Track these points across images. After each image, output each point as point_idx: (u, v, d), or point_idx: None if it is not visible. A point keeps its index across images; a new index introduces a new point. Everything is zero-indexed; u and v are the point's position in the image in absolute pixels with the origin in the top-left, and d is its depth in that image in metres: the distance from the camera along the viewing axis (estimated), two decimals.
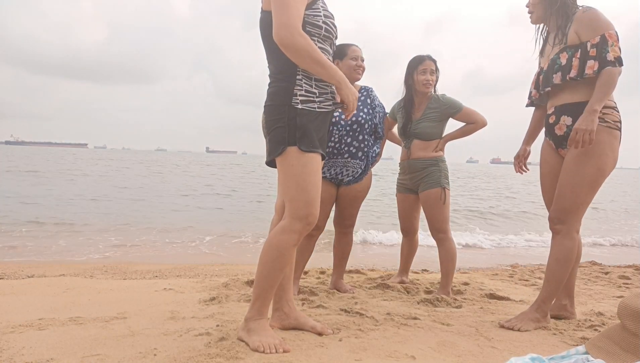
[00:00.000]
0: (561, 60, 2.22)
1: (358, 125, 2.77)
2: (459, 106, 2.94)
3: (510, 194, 16.66)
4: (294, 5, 1.71)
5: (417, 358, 1.79)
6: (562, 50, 2.22)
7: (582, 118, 2.07)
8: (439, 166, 2.94)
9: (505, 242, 7.10)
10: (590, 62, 2.12)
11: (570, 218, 2.21)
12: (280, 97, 1.82)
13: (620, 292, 3.29)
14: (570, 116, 2.21)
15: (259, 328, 1.84)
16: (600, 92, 2.07)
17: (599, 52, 2.10)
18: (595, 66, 2.10)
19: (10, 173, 18.33)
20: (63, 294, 2.74)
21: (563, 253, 2.23)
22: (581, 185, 2.17)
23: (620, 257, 6.06)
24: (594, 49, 2.11)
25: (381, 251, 6.02)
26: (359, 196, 2.91)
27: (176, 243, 5.93)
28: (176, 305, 2.52)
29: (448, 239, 2.94)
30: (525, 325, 2.21)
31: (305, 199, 1.79)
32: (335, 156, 2.78)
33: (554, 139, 2.33)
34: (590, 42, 2.13)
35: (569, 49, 2.20)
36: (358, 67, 2.79)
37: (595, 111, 2.05)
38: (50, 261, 4.75)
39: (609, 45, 2.09)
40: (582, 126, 2.05)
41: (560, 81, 2.22)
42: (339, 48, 2.83)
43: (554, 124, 2.30)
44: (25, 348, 1.77)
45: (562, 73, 2.21)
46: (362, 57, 2.82)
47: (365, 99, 2.86)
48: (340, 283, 3.04)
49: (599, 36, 2.11)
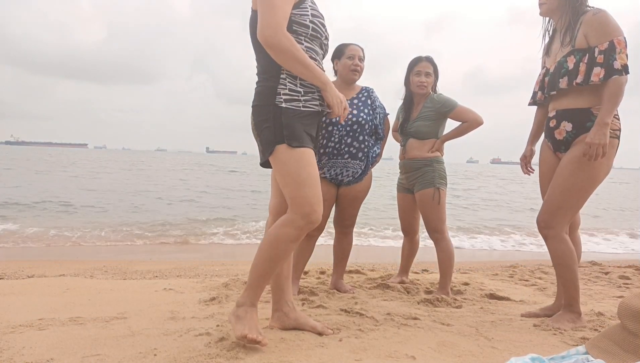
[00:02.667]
0: (568, 64, 2.19)
1: (358, 125, 2.76)
2: (453, 104, 2.94)
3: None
4: (279, 5, 1.71)
5: (417, 358, 1.78)
6: (570, 53, 2.19)
7: (594, 132, 2.06)
8: (433, 167, 2.94)
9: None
10: (596, 69, 2.09)
11: (557, 222, 2.21)
12: (265, 96, 1.82)
13: (620, 292, 3.29)
14: (571, 122, 2.20)
15: (246, 317, 1.83)
16: (610, 103, 2.05)
17: (606, 59, 2.07)
18: (601, 74, 2.08)
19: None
20: (63, 294, 2.74)
21: (561, 258, 2.24)
22: (571, 191, 2.17)
23: (620, 257, 6.06)
24: (601, 55, 2.08)
25: (381, 252, 6.03)
26: (359, 196, 2.90)
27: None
28: (176, 305, 2.51)
29: (444, 239, 2.94)
30: (566, 326, 2.20)
31: (305, 195, 1.78)
32: (335, 157, 2.77)
33: (553, 143, 2.33)
34: (598, 48, 2.10)
35: (577, 52, 2.16)
36: (355, 66, 2.78)
37: (607, 124, 2.05)
38: (50, 261, 4.75)
39: (616, 52, 2.06)
40: (595, 140, 2.05)
41: (566, 86, 2.20)
42: (338, 48, 2.83)
43: (554, 128, 2.29)
44: (25, 348, 1.77)
45: (569, 78, 2.18)
46: (361, 56, 2.81)
47: (365, 100, 2.86)
48: (340, 283, 3.03)
49: (607, 42, 2.07)
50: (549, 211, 2.23)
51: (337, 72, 2.86)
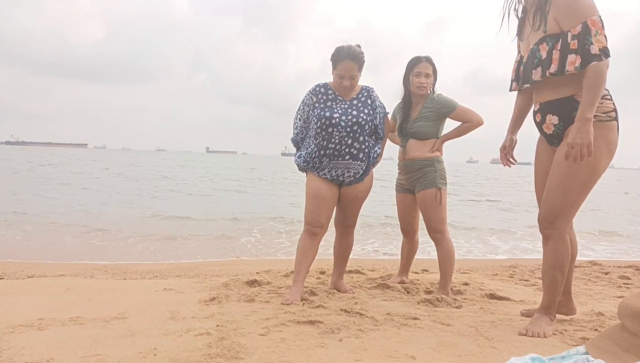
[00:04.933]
0: (541, 52, 1.99)
1: (358, 126, 2.76)
2: (453, 105, 2.94)
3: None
4: None
5: (417, 358, 1.78)
6: (542, 40, 1.99)
7: (574, 130, 1.88)
8: (434, 167, 2.94)
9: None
10: (571, 57, 1.89)
11: (560, 221, 2.07)
12: None
13: (620, 292, 3.29)
14: (556, 114, 2.04)
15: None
16: (590, 95, 1.85)
17: (581, 44, 1.86)
18: (577, 61, 1.88)
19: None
20: (63, 294, 2.74)
21: (559, 261, 2.11)
22: (573, 187, 2.01)
23: (620, 257, 6.06)
24: (575, 40, 1.88)
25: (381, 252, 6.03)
26: (360, 196, 2.91)
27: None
28: (176, 305, 2.51)
29: (445, 239, 2.94)
30: (548, 331, 2.10)
31: None
32: (336, 158, 2.77)
33: (545, 137, 2.18)
34: (571, 33, 1.89)
35: (549, 39, 1.95)
36: (344, 87, 2.74)
37: (588, 119, 1.85)
38: (50, 261, 4.75)
39: (592, 34, 1.84)
40: (577, 140, 1.86)
41: (540, 78, 2.03)
42: (337, 53, 2.69)
43: (541, 123, 2.13)
44: (25, 348, 1.77)
45: (542, 68, 2.00)
46: (354, 75, 2.70)
47: (365, 100, 2.85)
48: (340, 283, 3.03)
49: (580, 25, 1.86)
50: (552, 211, 2.07)
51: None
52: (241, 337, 1.95)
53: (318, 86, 2.86)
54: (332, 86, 2.85)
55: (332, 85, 2.86)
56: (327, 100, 2.81)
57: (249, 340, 1.91)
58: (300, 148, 2.94)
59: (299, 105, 2.92)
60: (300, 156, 2.90)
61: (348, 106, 2.79)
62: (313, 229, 2.78)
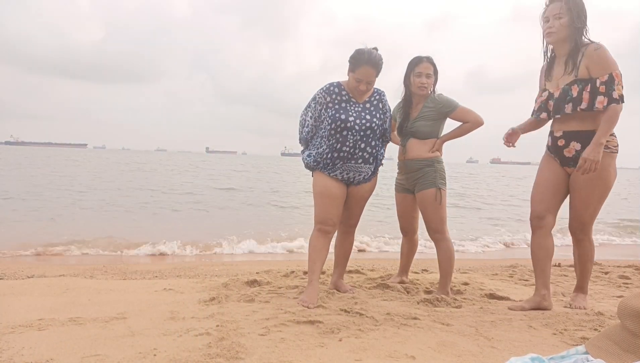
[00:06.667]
0: (572, 92, 2.51)
1: (371, 131, 2.75)
2: (454, 104, 2.94)
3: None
4: None
5: (417, 358, 1.79)
6: (573, 82, 2.52)
7: (590, 149, 2.42)
8: (434, 167, 2.94)
9: None
10: (600, 98, 2.43)
11: (587, 228, 2.69)
12: None
13: (620, 292, 3.29)
14: (580, 142, 2.54)
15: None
16: (606, 127, 2.41)
17: (607, 90, 2.41)
18: (605, 102, 2.42)
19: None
20: (63, 294, 2.74)
21: (589, 255, 2.73)
22: (594, 203, 2.59)
23: (620, 257, 6.06)
24: (603, 86, 2.42)
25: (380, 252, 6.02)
26: (365, 196, 2.91)
27: None
28: (176, 305, 2.51)
29: (445, 239, 2.94)
30: (587, 305, 2.70)
31: None
32: (348, 161, 2.75)
33: (561, 159, 2.64)
34: (599, 80, 2.43)
35: (580, 82, 2.50)
36: (360, 91, 2.74)
37: (602, 144, 2.41)
38: (51, 261, 4.75)
39: (615, 84, 2.40)
40: (591, 156, 2.40)
41: (571, 112, 2.53)
42: (357, 57, 2.68)
43: (563, 148, 2.61)
44: (25, 349, 1.77)
45: (574, 104, 2.51)
46: (371, 80, 2.71)
47: (377, 103, 2.83)
48: (340, 283, 3.03)
49: (607, 75, 2.42)
50: (581, 222, 2.65)
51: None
52: (241, 337, 1.95)
53: (332, 86, 2.81)
54: (346, 87, 2.80)
55: (345, 85, 2.81)
56: (340, 101, 2.77)
57: (249, 340, 1.91)
58: (309, 147, 2.91)
59: (309, 102, 2.86)
60: (310, 155, 2.85)
61: (362, 110, 2.77)
62: (325, 227, 2.76)
